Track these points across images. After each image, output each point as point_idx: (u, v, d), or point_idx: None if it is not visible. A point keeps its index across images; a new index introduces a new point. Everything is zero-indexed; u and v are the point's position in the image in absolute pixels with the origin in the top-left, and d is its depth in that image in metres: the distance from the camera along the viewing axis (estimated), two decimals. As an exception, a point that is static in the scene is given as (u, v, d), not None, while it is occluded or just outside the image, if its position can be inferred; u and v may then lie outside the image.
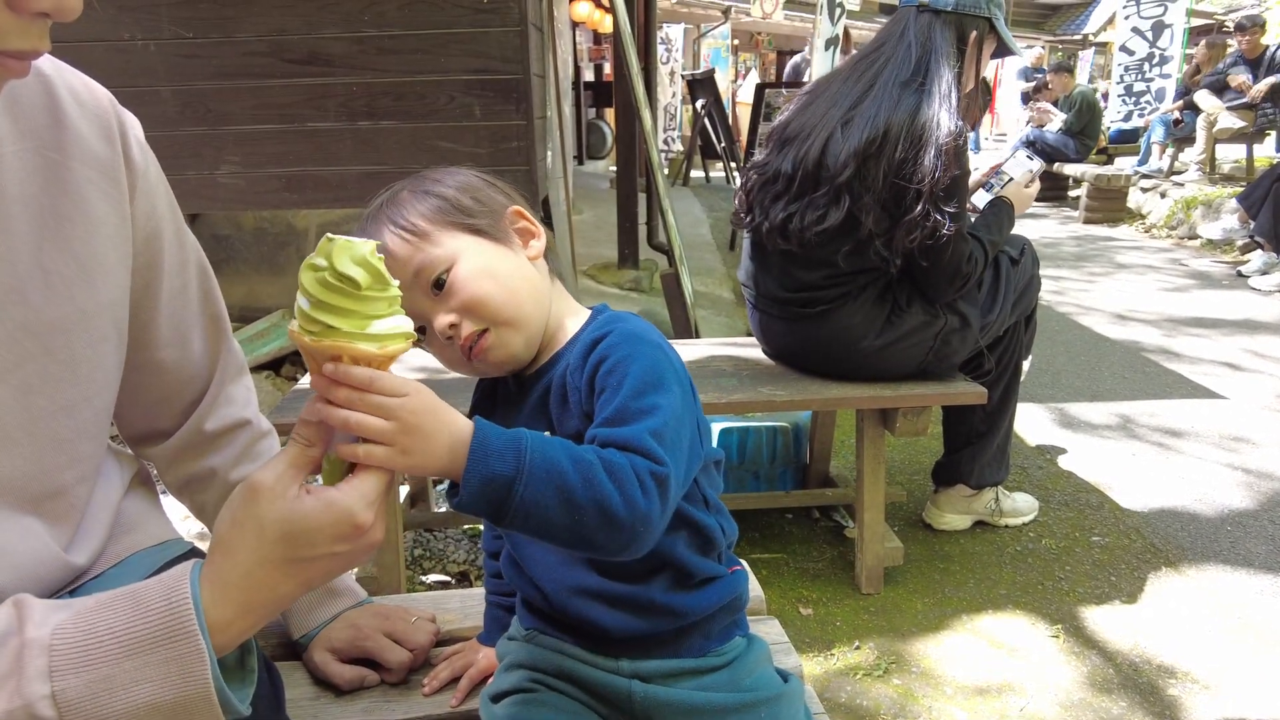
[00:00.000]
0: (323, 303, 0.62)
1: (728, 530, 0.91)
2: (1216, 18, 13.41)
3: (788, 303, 2.07)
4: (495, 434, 0.68)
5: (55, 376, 0.76)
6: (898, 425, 2.04)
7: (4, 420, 0.73)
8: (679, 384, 0.79)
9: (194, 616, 0.61)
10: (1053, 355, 4.14)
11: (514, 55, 2.77)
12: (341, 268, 0.61)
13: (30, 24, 0.57)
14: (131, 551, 0.91)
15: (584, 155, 10.63)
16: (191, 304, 0.94)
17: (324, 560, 0.64)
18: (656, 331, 0.85)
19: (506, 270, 0.82)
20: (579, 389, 0.80)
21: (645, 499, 0.70)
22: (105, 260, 0.80)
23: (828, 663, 1.90)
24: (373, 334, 0.63)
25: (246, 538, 0.63)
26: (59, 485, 0.80)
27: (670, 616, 0.84)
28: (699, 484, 0.86)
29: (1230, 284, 5.70)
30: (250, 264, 3.95)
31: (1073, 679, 1.85)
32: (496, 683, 0.91)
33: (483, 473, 0.66)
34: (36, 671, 0.57)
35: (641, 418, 0.74)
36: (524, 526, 0.69)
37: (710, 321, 4.22)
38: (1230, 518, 2.55)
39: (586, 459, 0.69)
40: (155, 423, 0.97)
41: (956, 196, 1.89)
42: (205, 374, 0.98)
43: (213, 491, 1.01)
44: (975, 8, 1.98)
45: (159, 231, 0.88)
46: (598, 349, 0.79)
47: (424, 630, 1.06)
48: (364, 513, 0.64)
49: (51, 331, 0.75)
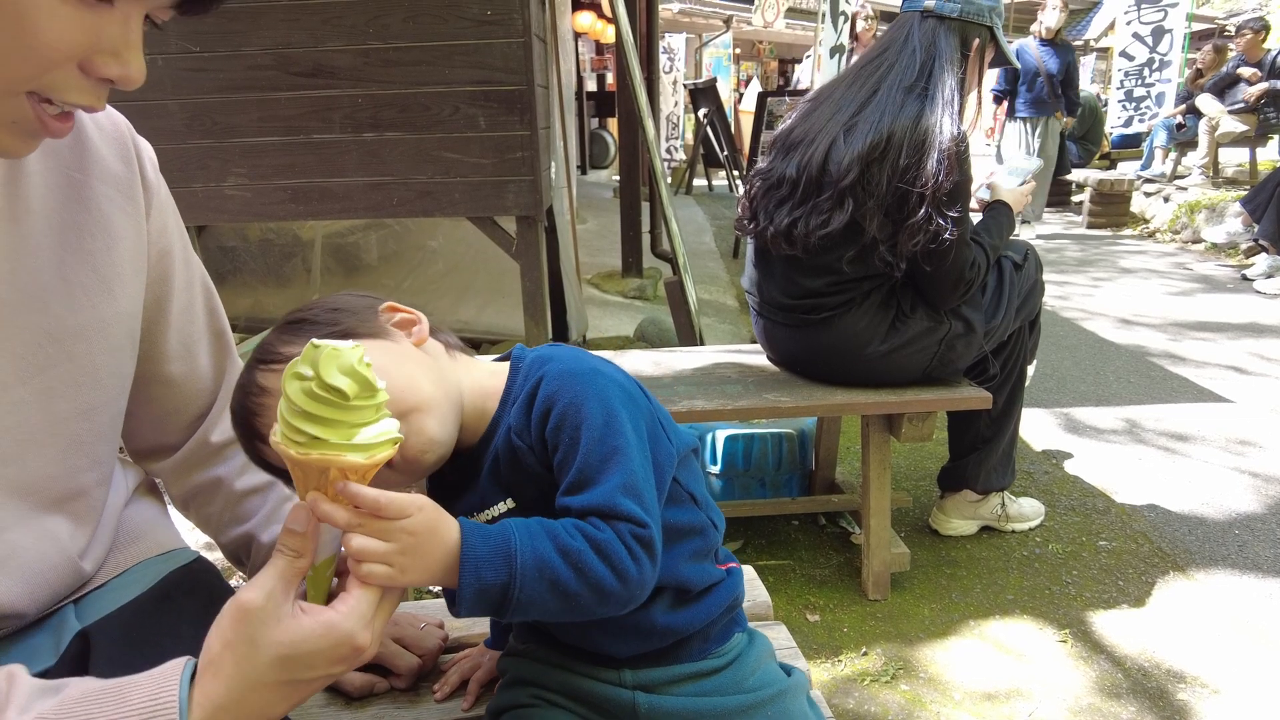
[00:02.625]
0: (308, 413, 0.60)
1: (718, 523, 0.89)
2: (1217, 22, 13.42)
3: (792, 309, 2.08)
4: (482, 541, 0.69)
5: (76, 381, 0.78)
6: (903, 431, 2.04)
7: (29, 422, 0.75)
8: (627, 403, 0.77)
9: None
10: (1058, 360, 4.14)
11: (517, 66, 2.79)
12: (329, 379, 0.59)
13: (95, 85, 0.61)
14: (136, 561, 0.92)
15: (587, 165, 10.66)
16: (198, 320, 0.97)
17: (320, 680, 0.64)
18: (584, 354, 0.83)
19: (391, 362, 0.75)
20: (531, 449, 0.77)
21: (636, 566, 0.71)
22: (123, 272, 0.83)
23: (835, 669, 1.90)
24: (360, 444, 0.61)
25: (239, 661, 0.61)
26: (81, 486, 0.82)
27: (672, 633, 0.84)
28: (680, 482, 0.85)
29: (1235, 287, 5.69)
30: (256, 275, 3.97)
31: (1081, 684, 1.84)
32: (498, 699, 0.91)
33: (476, 586, 0.67)
34: None
35: (607, 473, 0.73)
36: (524, 617, 0.70)
37: (714, 329, 4.22)
38: (1238, 522, 2.55)
39: (574, 547, 0.70)
40: (163, 437, 0.99)
41: (959, 201, 1.90)
42: (211, 388, 1.00)
43: (219, 502, 1.02)
44: (978, 15, 2.00)
45: (170, 249, 0.92)
46: (537, 401, 0.77)
47: (432, 636, 1.07)
48: (363, 634, 0.63)
49: (73, 338, 0.78)
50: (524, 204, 2.93)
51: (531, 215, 2.95)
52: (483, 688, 1.01)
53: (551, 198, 3.30)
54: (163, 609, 0.84)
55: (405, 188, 2.93)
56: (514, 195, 2.92)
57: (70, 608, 0.84)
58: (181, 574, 0.94)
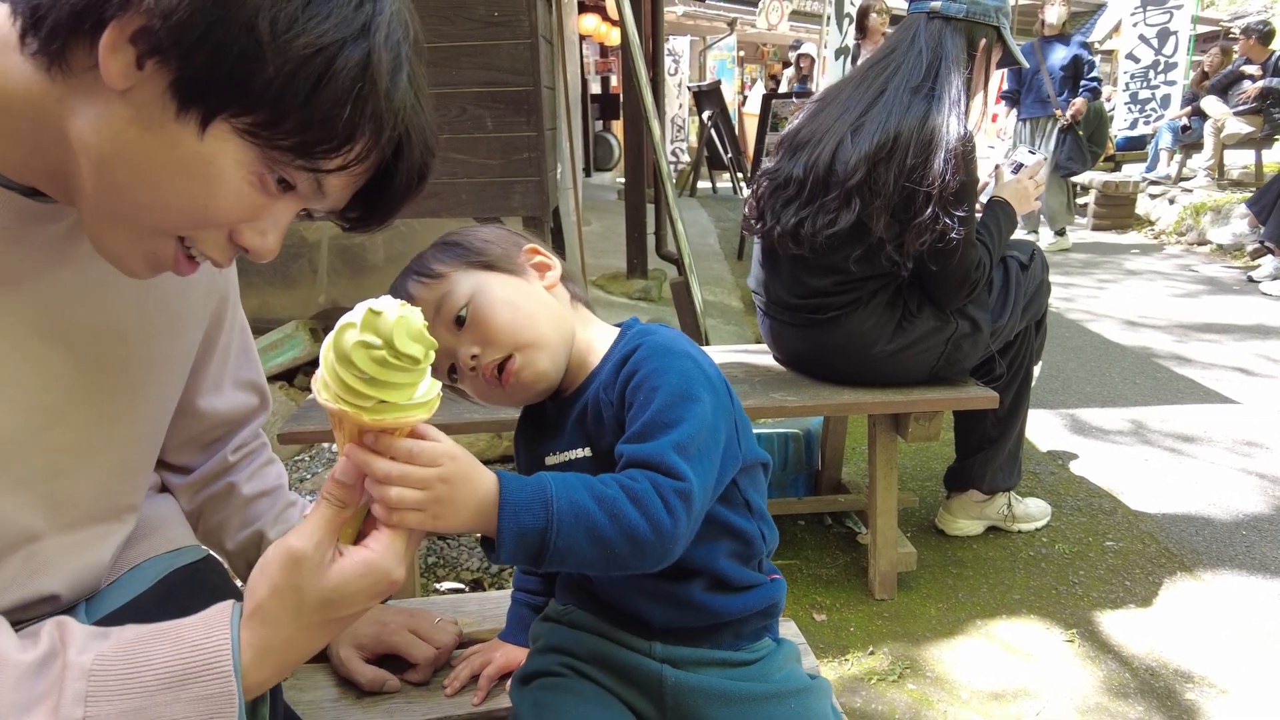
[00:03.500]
0: (375, 379, 0.63)
1: (769, 537, 0.91)
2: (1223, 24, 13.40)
3: (798, 309, 2.08)
4: (519, 489, 0.71)
5: (135, 409, 0.84)
6: (909, 430, 2.05)
7: (86, 442, 0.79)
8: (710, 390, 0.80)
9: (230, 657, 0.63)
10: (1063, 361, 4.13)
11: (524, 68, 2.79)
12: (403, 347, 0.62)
13: (231, 248, 0.68)
14: (145, 557, 0.94)
15: (591, 167, 10.67)
16: (231, 360, 1.02)
17: (358, 614, 0.68)
18: (687, 340, 0.87)
19: (521, 298, 0.86)
20: (611, 404, 0.82)
21: (670, 518, 0.73)
22: (193, 314, 0.90)
23: (842, 668, 1.90)
24: (419, 401, 0.65)
25: (287, 607, 0.65)
26: (122, 506, 0.87)
27: (708, 613, 0.87)
28: (740, 487, 0.88)
29: (1241, 289, 5.68)
30: (263, 276, 3.99)
31: (1088, 684, 1.84)
32: (528, 664, 0.93)
33: (515, 529, 0.70)
34: (74, 695, 0.60)
35: (666, 431, 0.76)
36: (561, 566, 0.73)
37: (719, 330, 4.23)
38: (1245, 523, 2.54)
39: (608, 495, 0.72)
40: (181, 459, 1.04)
41: (966, 201, 1.91)
42: (235, 422, 1.05)
43: (230, 507, 1.05)
44: (985, 16, 2.00)
45: (228, 295, 0.98)
46: (628, 364, 0.82)
47: (447, 630, 1.08)
48: (398, 569, 0.67)
49: (139, 369, 0.83)
50: (530, 205, 2.94)
51: (538, 216, 2.95)
52: (493, 683, 1.02)
53: (557, 199, 3.31)
54: (167, 606, 0.86)
55: (412, 188, 2.93)
56: (520, 196, 2.93)
57: (81, 603, 0.85)
58: (188, 571, 0.96)
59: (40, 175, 0.68)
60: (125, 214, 0.65)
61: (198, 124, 0.61)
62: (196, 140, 0.61)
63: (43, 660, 0.61)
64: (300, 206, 0.69)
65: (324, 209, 0.70)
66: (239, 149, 0.62)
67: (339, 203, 0.70)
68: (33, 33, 0.60)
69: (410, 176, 0.70)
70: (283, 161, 0.63)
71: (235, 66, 0.58)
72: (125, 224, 0.66)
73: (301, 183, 0.65)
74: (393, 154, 0.67)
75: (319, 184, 0.66)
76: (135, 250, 0.68)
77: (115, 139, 0.62)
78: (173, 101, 0.60)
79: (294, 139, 0.62)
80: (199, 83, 0.59)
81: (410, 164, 0.69)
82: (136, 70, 0.59)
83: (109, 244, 0.68)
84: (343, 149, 0.64)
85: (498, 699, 1.01)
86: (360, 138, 0.64)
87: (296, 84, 0.60)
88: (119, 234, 0.67)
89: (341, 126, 0.62)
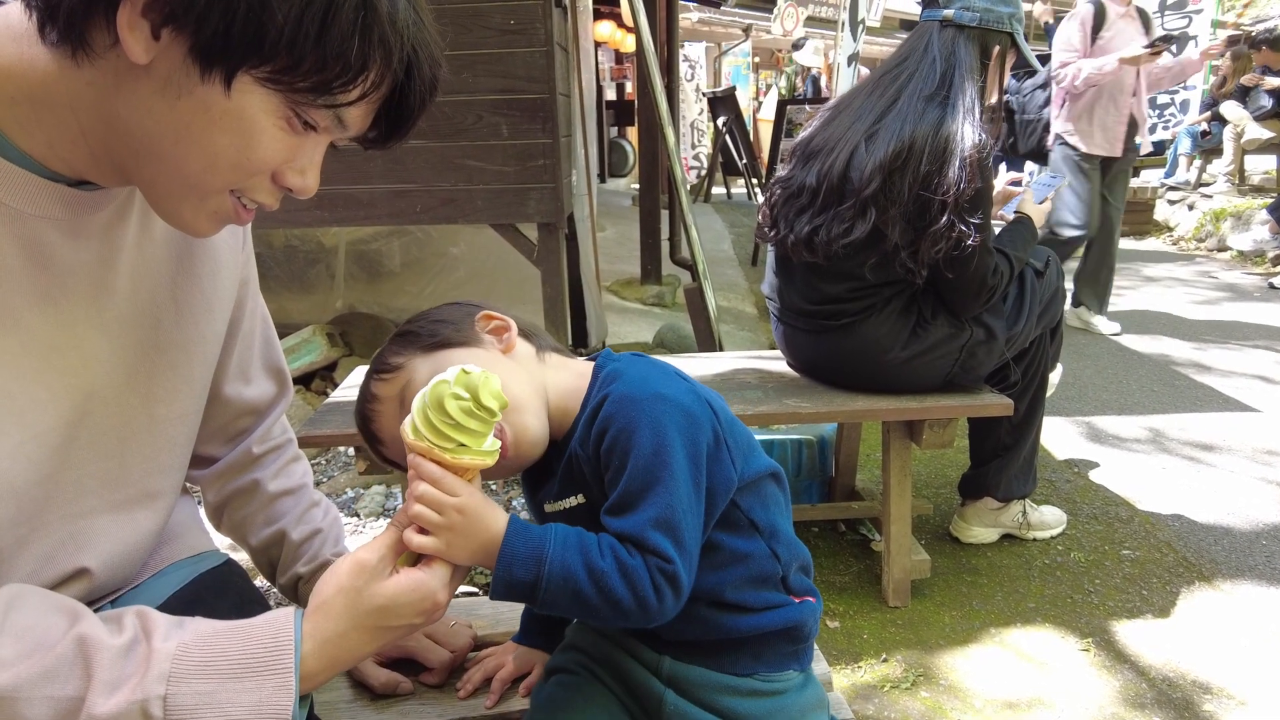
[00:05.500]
0: (460, 425, 0.75)
1: (782, 555, 0.88)
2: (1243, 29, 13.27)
3: (812, 315, 2.08)
4: (522, 541, 0.77)
5: (176, 389, 0.88)
6: (924, 437, 2.04)
7: (133, 424, 0.84)
8: (682, 431, 0.79)
9: (292, 656, 0.71)
10: (1080, 369, 4.10)
11: (540, 75, 2.82)
12: (485, 400, 0.75)
13: (277, 190, 0.74)
14: (168, 562, 0.96)
15: (606, 173, 10.70)
16: (255, 347, 1.04)
17: (403, 629, 0.76)
18: (656, 371, 0.85)
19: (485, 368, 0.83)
20: (589, 459, 0.82)
21: (657, 598, 0.76)
22: (223, 296, 0.93)
23: (855, 675, 1.89)
24: (487, 450, 0.78)
25: (348, 604, 0.74)
26: (162, 486, 0.90)
27: (716, 628, 0.85)
28: (740, 507, 0.85)
29: (1262, 296, 5.62)
30: (281, 281, 4.02)
31: (1105, 694, 1.83)
32: (553, 658, 0.96)
33: (506, 578, 0.76)
34: (158, 675, 0.67)
35: (645, 503, 0.77)
36: (551, 613, 0.80)
37: (733, 336, 4.23)
38: (1265, 532, 2.52)
39: (600, 567, 0.76)
40: (207, 449, 1.05)
41: (981, 208, 1.90)
42: (259, 410, 1.07)
43: (254, 504, 1.07)
44: (998, 23, 2.00)
45: (250, 279, 1.00)
46: (598, 420, 0.81)
47: (462, 634, 1.09)
48: (443, 593, 0.76)
49: (177, 350, 0.87)
50: (545, 211, 2.95)
51: (553, 222, 2.97)
52: (506, 686, 1.02)
53: (572, 205, 3.33)
54: (193, 610, 0.87)
55: (429, 195, 2.96)
56: (536, 202, 2.95)
57: (107, 608, 0.87)
58: (212, 576, 0.98)
59: (87, 163, 0.71)
60: (184, 182, 0.69)
61: (222, 82, 0.64)
62: (225, 98, 0.64)
63: (130, 644, 0.68)
64: (328, 140, 0.73)
65: (349, 137, 0.74)
66: (264, 98, 0.66)
67: (361, 130, 0.74)
68: (50, 23, 0.63)
69: (423, 92, 0.73)
70: (304, 103, 0.67)
71: (246, 21, 0.61)
72: (187, 191, 0.70)
73: (323, 120, 0.69)
74: (404, 74, 0.70)
75: (339, 119, 0.70)
76: (200, 213, 0.72)
77: (151, 113, 0.66)
78: (195, 66, 0.63)
79: (312, 78, 0.65)
80: (216, 42, 0.62)
81: (422, 80, 0.72)
82: (154, 42, 0.62)
83: (178, 214, 0.72)
84: (359, 79, 0.67)
85: (510, 702, 1.01)
86: (373, 65, 0.67)
87: (305, 26, 0.62)
88: (185, 202, 0.71)
89: (354, 58, 0.65)
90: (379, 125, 0.74)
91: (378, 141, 0.77)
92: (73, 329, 0.76)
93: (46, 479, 0.75)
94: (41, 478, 0.74)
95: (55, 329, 0.74)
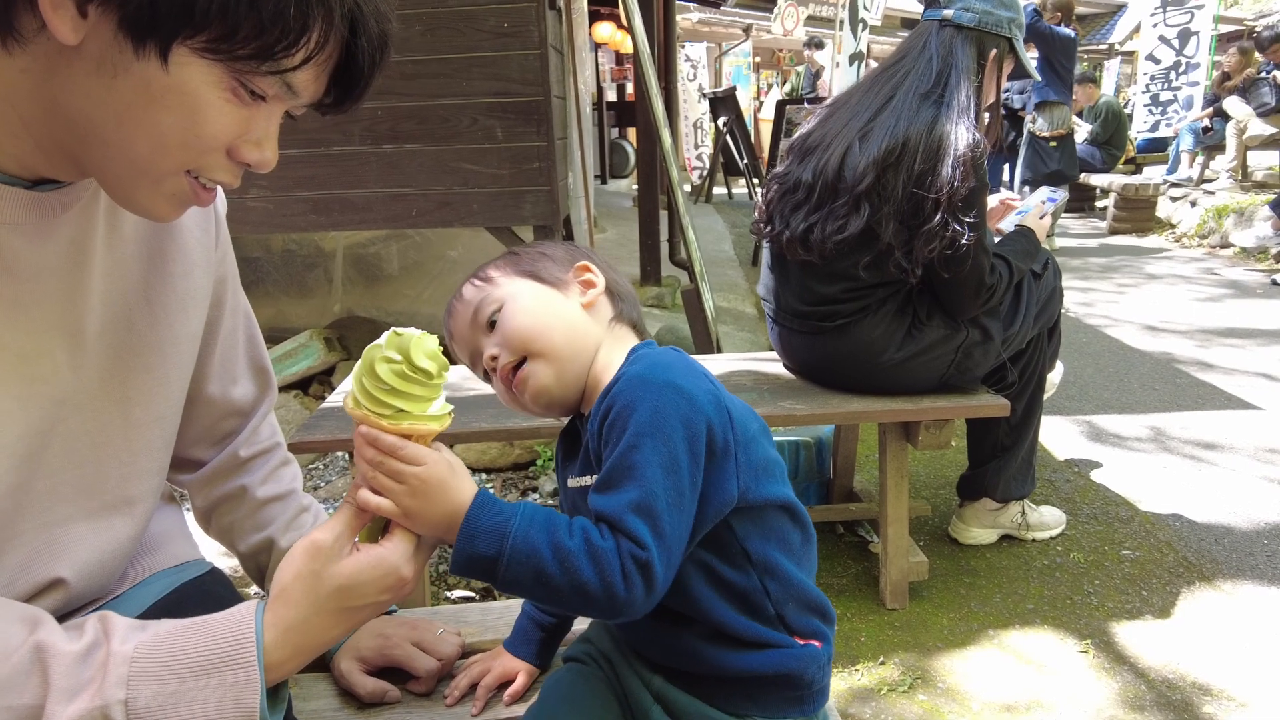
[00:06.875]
0: (395, 389, 0.72)
1: (773, 591, 0.82)
2: (1246, 24, 13.23)
3: (808, 316, 2.07)
4: (487, 515, 0.74)
5: (151, 391, 0.86)
6: (920, 438, 2.03)
7: (108, 429, 0.82)
8: (685, 424, 0.75)
9: (255, 650, 0.69)
10: (1081, 368, 4.09)
11: (534, 78, 2.81)
12: (418, 361, 0.72)
13: (235, 167, 0.71)
14: (150, 572, 0.95)
15: (607, 175, 10.71)
16: (238, 345, 1.03)
17: (370, 608, 0.74)
18: (680, 365, 0.82)
19: (544, 308, 0.87)
20: (595, 435, 0.81)
21: (625, 586, 0.72)
22: (197, 295, 0.91)
23: (852, 678, 1.88)
24: (433, 414, 0.74)
25: (306, 590, 0.72)
26: (139, 492, 0.88)
27: (706, 663, 0.82)
28: (737, 534, 0.81)
29: (1265, 293, 5.59)
30: (279, 285, 4.03)
31: (1104, 696, 1.81)
32: (569, 649, 0.98)
33: (468, 551, 0.74)
34: (117, 679, 0.66)
35: (629, 483, 0.73)
36: (512, 593, 0.76)
37: (733, 337, 4.22)
38: (1267, 531, 2.50)
39: (566, 546, 0.72)
40: (194, 453, 1.04)
41: (975, 207, 1.89)
42: (245, 411, 1.06)
43: (241, 510, 1.06)
44: (997, 26, 1.99)
45: (226, 276, 0.98)
46: (609, 396, 0.80)
47: (450, 642, 1.08)
48: (407, 567, 0.74)
49: (151, 352, 0.85)
50: (541, 214, 2.95)
51: (549, 225, 2.97)
52: (490, 692, 1.02)
53: (569, 207, 3.32)
54: (175, 618, 0.87)
55: (424, 199, 2.96)
56: (531, 205, 2.94)
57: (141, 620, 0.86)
58: (193, 586, 0.97)
59: (37, 157, 0.69)
60: (133, 166, 0.67)
61: (158, 56, 0.61)
62: (163, 73, 0.62)
63: (88, 649, 0.67)
64: (282, 109, 0.70)
65: (303, 105, 0.71)
66: (205, 69, 0.63)
67: (315, 95, 0.70)
68: None
69: (372, 50, 0.70)
70: (247, 71, 0.64)
71: None
72: (139, 175, 0.68)
73: (271, 89, 0.66)
74: (350, 32, 0.67)
75: (288, 85, 0.67)
76: (157, 197, 0.70)
77: (89, 96, 0.63)
78: (127, 41, 0.60)
79: (252, 44, 0.62)
80: (143, 14, 0.59)
81: (369, 37, 0.69)
82: (82, 20, 0.59)
83: (134, 199, 0.70)
84: (301, 41, 0.64)
85: (496, 709, 1.01)
86: (314, 24, 0.64)
87: None
88: (138, 188, 0.69)
89: (293, 19, 0.62)
90: (332, 89, 0.71)
91: (334, 106, 0.73)
92: (42, 336, 0.74)
93: (17, 489, 0.74)
94: (11, 488, 0.73)
95: (24, 337, 0.72)
